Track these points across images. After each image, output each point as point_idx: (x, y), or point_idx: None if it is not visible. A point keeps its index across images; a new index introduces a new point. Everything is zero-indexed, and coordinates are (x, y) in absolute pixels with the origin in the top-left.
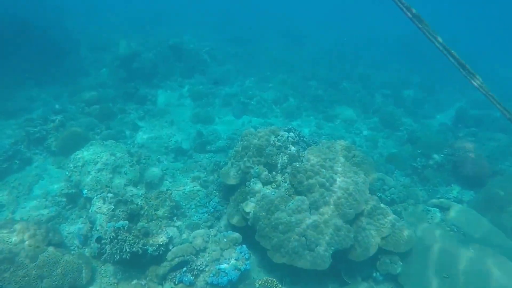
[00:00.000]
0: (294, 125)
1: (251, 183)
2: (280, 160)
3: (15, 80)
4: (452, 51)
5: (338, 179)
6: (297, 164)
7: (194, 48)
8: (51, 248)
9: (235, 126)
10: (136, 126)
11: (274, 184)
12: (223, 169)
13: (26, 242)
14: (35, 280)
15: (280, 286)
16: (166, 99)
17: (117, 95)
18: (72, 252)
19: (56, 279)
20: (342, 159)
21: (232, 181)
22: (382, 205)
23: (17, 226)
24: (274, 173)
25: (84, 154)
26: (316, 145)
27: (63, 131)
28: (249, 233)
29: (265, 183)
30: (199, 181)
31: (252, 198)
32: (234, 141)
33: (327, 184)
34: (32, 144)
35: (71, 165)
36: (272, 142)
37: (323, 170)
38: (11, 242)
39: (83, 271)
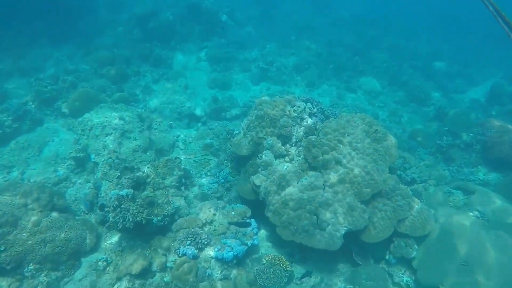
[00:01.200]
0: (314, 95)
1: (263, 155)
2: (295, 132)
3: (29, 39)
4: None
5: (356, 155)
6: (313, 137)
7: (213, 8)
8: (54, 213)
9: (253, 92)
10: (150, 89)
11: (287, 157)
12: (235, 138)
13: (29, 206)
14: (38, 244)
15: (288, 263)
16: (183, 62)
17: (131, 56)
18: (77, 217)
19: (59, 244)
20: (361, 134)
21: (243, 151)
22: (401, 186)
23: (21, 189)
24: (288, 145)
25: (93, 117)
26: (335, 118)
27: (74, 92)
28: (259, 206)
29: (278, 156)
30: (211, 150)
31: (263, 171)
32: (250, 108)
33: (344, 160)
34: (43, 104)
35: (80, 128)
36: (287, 112)
37: (340, 145)
38: (13, 204)
39: (87, 237)
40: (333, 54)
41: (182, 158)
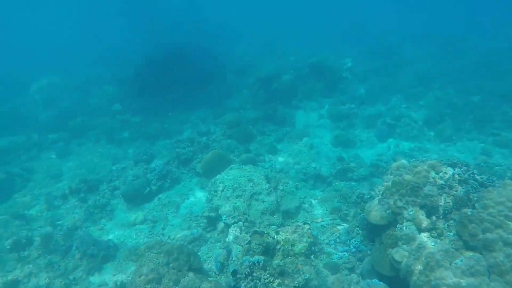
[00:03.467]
0: (452, 151)
1: (404, 227)
2: (443, 203)
3: (171, 105)
4: None
5: None
6: (468, 211)
7: (334, 65)
8: (191, 274)
9: (380, 150)
10: (275, 149)
11: (434, 232)
12: (367, 205)
13: (171, 265)
14: None
15: None
16: (305, 120)
17: (256, 117)
18: (210, 279)
19: None
20: None
21: (378, 220)
22: None
23: (164, 248)
24: (434, 218)
25: (224, 178)
26: (494, 186)
27: (207, 153)
28: (399, 285)
29: (422, 230)
30: (339, 214)
31: (404, 246)
32: (378, 168)
33: None
34: (181, 164)
35: (212, 189)
36: (431, 179)
37: (510, 222)
38: (158, 263)
39: None
40: (471, 103)
41: (309, 222)
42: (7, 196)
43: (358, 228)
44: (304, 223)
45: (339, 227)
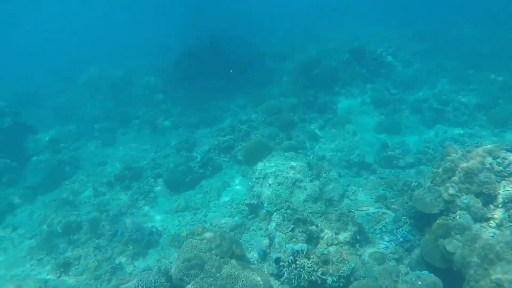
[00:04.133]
0: (509, 137)
1: (457, 216)
2: (502, 190)
3: (211, 93)
4: None
5: None
6: None
7: (376, 50)
8: (233, 261)
9: (427, 137)
10: (316, 136)
11: (492, 222)
12: (416, 192)
13: (214, 251)
14: None
15: None
16: (347, 107)
17: (297, 104)
18: (252, 266)
19: None
20: None
21: (429, 209)
22: None
23: (207, 235)
24: (491, 207)
25: (266, 165)
26: None
27: (247, 141)
28: (452, 278)
29: (478, 219)
30: (385, 202)
31: (458, 236)
32: (425, 155)
33: None
34: (222, 152)
35: (254, 176)
36: (488, 165)
37: None
38: (201, 249)
39: None
40: None
41: (353, 210)
42: (57, 183)
43: (405, 217)
44: (349, 211)
45: (385, 216)
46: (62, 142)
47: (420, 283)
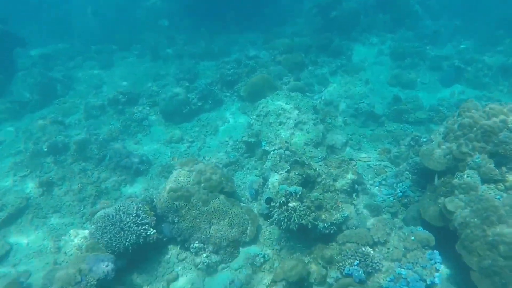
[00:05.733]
0: None
1: (465, 175)
2: None
3: (221, 26)
4: None
5: None
6: None
7: None
8: (222, 196)
9: (442, 95)
10: (326, 80)
11: (501, 184)
12: (424, 147)
13: (202, 184)
14: (204, 224)
15: None
16: (363, 55)
17: (310, 46)
18: (242, 204)
19: (223, 229)
20: None
21: (436, 165)
22: None
23: (197, 166)
24: (504, 169)
25: (269, 103)
26: None
27: (253, 77)
28: (446, 237)
29: (487, 180)
30: (388, 155)
31: (461, 195)
32: (438, 113)
33: None
34: (225, 86)
35: (255, 113)
36: (510, 125)
37: None
38: (189, 180)
39: (248, 228)
40: None
41: (355, 159)
42: (47, 101)
43: (408, 172)
44: (350, 159)
45: (386, 169)
46: (56, 59)
47: (413, 238)
